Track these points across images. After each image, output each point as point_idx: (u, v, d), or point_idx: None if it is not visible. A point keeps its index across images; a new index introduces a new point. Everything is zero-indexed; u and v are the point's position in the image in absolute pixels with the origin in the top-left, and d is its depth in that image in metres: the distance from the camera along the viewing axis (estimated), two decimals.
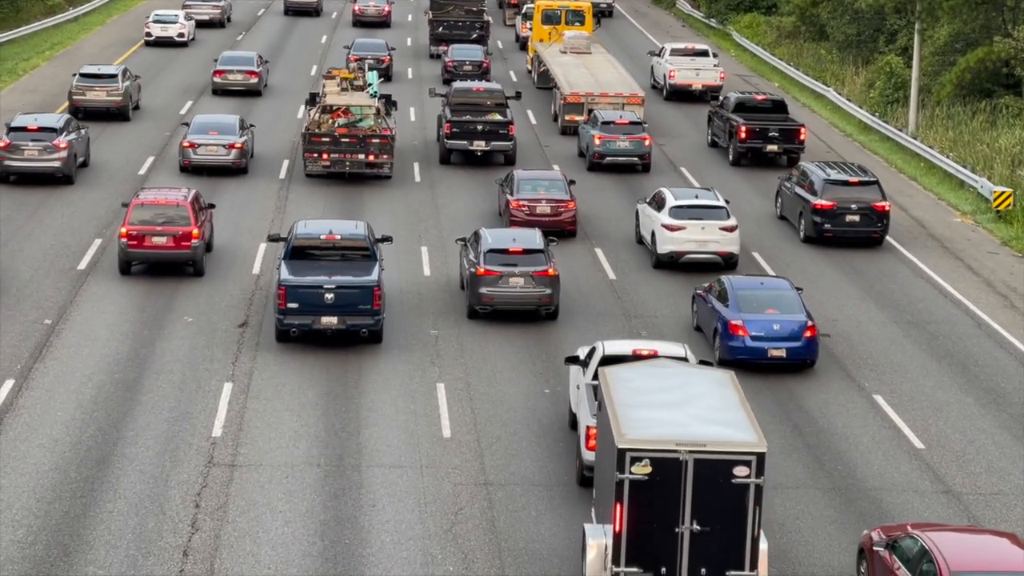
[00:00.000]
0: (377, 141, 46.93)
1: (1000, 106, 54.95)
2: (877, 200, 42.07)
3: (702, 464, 21.03)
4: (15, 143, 44.98)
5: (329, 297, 32.42)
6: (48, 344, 32.35)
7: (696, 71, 63.32)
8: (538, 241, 35.51)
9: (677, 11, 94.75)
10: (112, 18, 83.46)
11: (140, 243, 36.87)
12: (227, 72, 60.74)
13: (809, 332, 32.11)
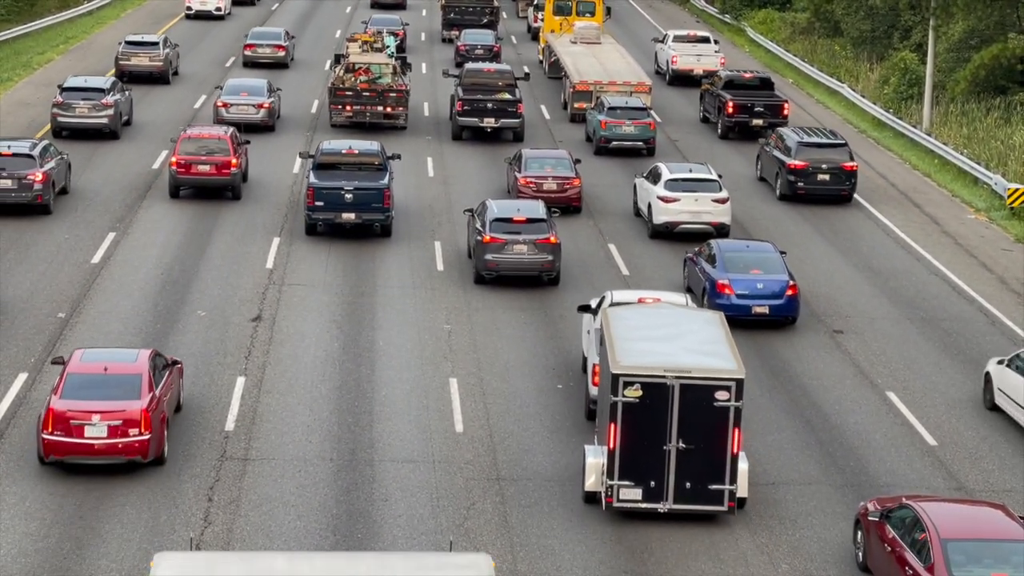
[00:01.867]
0: (394, 95, 53.32)
1: (1014, 103, 54.84)
2: (846, 161, 46.15)
3: (687, 388, 23.91)
4: (68, 101, 50.23)
5: (348, 197, 39.69)
6: (61, 337, 32.41)
7: (697, 57, 66.09)
8: (541, 211, 37.57)
9: (691, 6, 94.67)
10: (126, 12, 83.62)
11: (187, 170, 43.06)
12: (257, 46, 66.34)
13: (791, 291, 34.44)
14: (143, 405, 25.57)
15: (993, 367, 30.47)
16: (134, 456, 25.46)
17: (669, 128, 56.77)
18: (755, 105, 54.69)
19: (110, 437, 25.26)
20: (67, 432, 25.27)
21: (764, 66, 72.03)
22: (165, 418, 26.31)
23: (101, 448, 25.31)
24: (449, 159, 51.23)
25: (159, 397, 26.18)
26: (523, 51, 74.36)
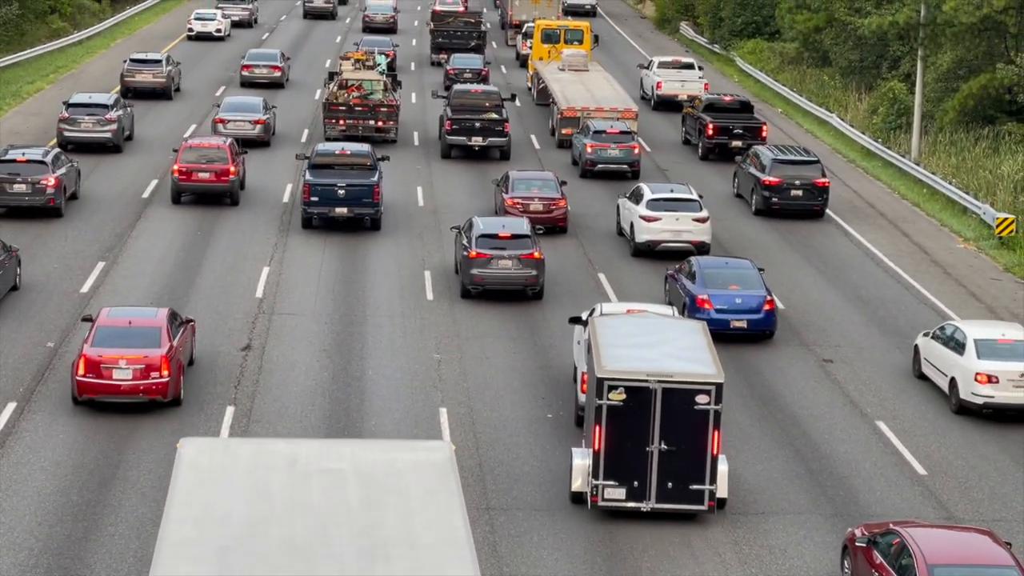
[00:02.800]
0: (384, 110, 56.29)
1: (1003, 133, 55.00)
2: (818, 177, 47.88)
3: (669, 392, 25.04)
4: (73, 116, 52.73)
5: (341, 193, 43.24)
6: (51, 367, 32.35)
7: (682, 82, 67.47)
8: (525, 228, 38.84)
9: (681, 36, 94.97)
10: (116, 41, 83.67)
11: (188, 177, 45.70)
12: (254, 67, 68.81)
13: (768, 306, 35.47)
14: (163, 352, 29.67)
15: (920, 340, 33.77)
16: (155, 396, 29.54)
17: (654, 152, 57.48)
18: (734, 127, 56.16)
19: (134, 379, 29.43)
20: (97, 375, 29.40)
21: (753, 95, 72.20)
22: (181, 365, 30.52)
23: (127, 388, 29.47)
24: (438, 179, 51.83)
25: (176, 347, 30.26)
26: (512, 78, 74.71)
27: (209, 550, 16.93)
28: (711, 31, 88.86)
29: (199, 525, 17.51)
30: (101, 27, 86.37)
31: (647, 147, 57.69)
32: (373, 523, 17.66)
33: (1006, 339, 31.83)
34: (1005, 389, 31.03)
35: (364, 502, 18.16)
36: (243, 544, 17.06)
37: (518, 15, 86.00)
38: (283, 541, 17.18)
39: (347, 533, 17.45)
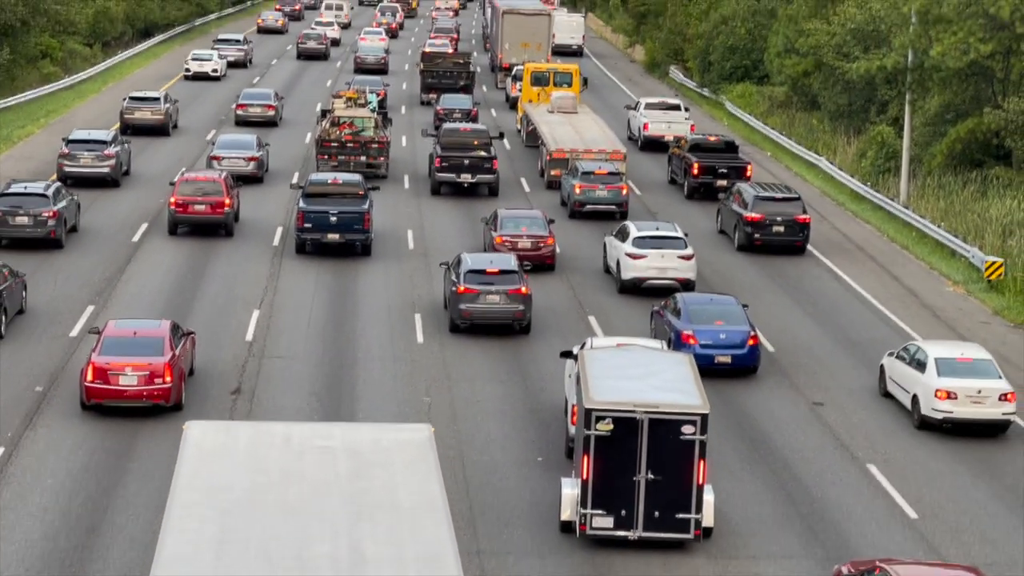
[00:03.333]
0: (375, 146, 57.99)
1: (990, 176, 55.18)
2: (799, 214, 48.92)
3: (655, 423, 25.54)
4: (72, 152, 54.47)
5: (333, 219, 45.22)
6: (39, 411, 32.25)
7: (668, 123, 68.26)
8: (512, 264, 39.56)
9: (670, 80, 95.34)
10: (107, 86, 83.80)
11: (185, 210, 47.28)
12: (248, 105, 70.41)
13: (751, 341, 36.02)
14: (166, 360, 31.82)
15: (886, 359, 35.38)
16: (158, 401, 31.63)
17: (642, 191, 58.06)
18: (719, 167, 56.88)
19: (139, 385, 31.54)
20: (105, 381, 31.50)
21: (743, 139, 72.45)
22: (183, 372, 32.62)
23: (131, 394, 31.58)
24: (428, 217, 52.51)
25: (178, 355, 32.40)
26: (502, 120, 74.97)
27: (213, 513, 18.86)
28: (700, 75, 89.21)
29: (204, 493, 19.42)
30: (92, 72, 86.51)
31: (636, 190, 57.88)
32: (360, 490, 19.57)
33: (965, 358, 33.57)
34: (963, 405, 32.60)
35: (352, 473, 20.08)
36: (243, 507, 19.02)
37: (508, 58, 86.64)
38: (279, 505, 19.08)
39: (336, 498, 19.31)
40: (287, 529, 18.42)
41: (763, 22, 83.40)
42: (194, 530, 18.39)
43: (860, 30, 63.37)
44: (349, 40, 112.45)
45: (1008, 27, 53.32)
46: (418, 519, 18.89)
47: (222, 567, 17.51)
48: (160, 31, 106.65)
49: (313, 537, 18.30)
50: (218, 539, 18.22)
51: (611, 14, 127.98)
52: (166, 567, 17.58)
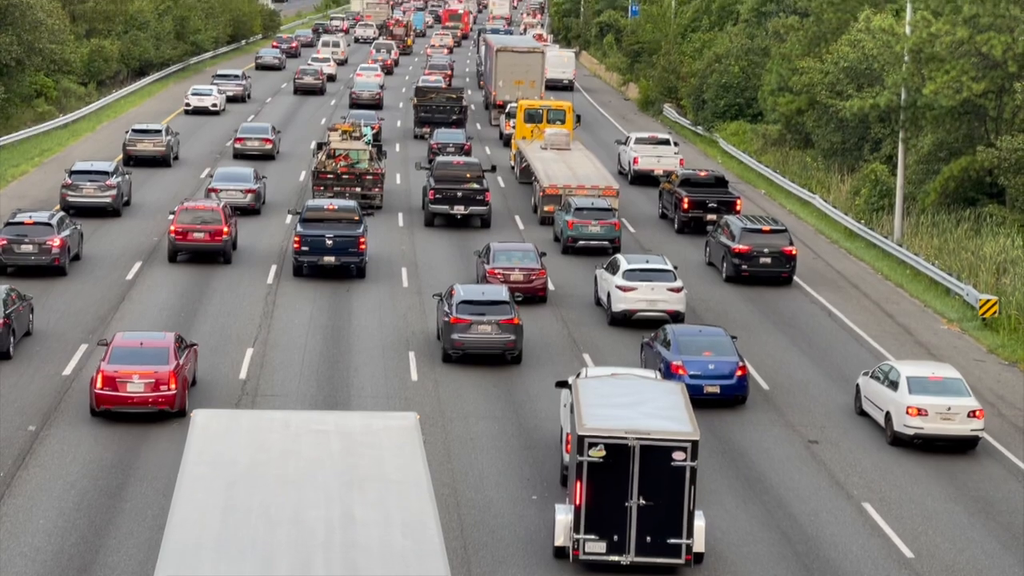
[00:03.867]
0: (370, 178, 59.26)
1: (984, 214, 55.24)
2: (786, 246, 49.62)
3: (647, 449, 25.97)
4: (75, 182, 56.18)
5: (329, 243, 47.19)
6: (31, 451, 32.14)
7: (658, 158, 69.41)
8: (504, 295, 40.14)
9: (664, 118, 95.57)
10: (102, 124, 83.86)
11: (184, 237, 48.76)
12: (246, 139, 72.00)
13: (740, 372, 36.50)
14: (171, 368, 33.85)
15: (861, 379, 36.79)
16: (163, 407, 33.65)
17: (634, 226, 58.62)
18: (709, 201, 57.55)
19: (146, 392, 33.58)
20: (113, 388, 33.59)
21: (737, 177, 72.62)
22: (186, 381, 34.66)
23: (138, 400, 33.62)
24: (421, 249, 53.11)
25: (182, 365, 34.49)
26: (496, 157, 75.18)
27: (219, 484, 20.75)
28: (694, 113, 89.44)
29: (210, 467, 21.32)
30: (87, 110, 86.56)
31: (630, 227, 57.96)
32: (350, 465, 21.47)
33: (936, 376, 34.92)
34: (933, 421, 34.01)
35: (344, 451, 21.94)
36: (245, 479, 20.91)
37: (501, 95, 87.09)
38: (277, 477, 21.00)
39: (330, 472, 21.21)
40: (285, 497, 20.29)
41: (756, 60, 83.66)
42: (202, 498, 20.29)
43: (853, 68, 63.56)
44: (345, 76, 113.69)
45: (1001, 66, 53.51)
46: (403, 491, 20.64)
47: (228, 529, 19.43)
48: (155, 70, 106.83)
49: (308, 503, 20.16)
50: (223, 505, 20.09)
51: (605, 52, 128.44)
52: (178, 529, 19.37)
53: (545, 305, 45.70)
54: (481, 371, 38.98)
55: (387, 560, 18.72)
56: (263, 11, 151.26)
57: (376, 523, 19.64)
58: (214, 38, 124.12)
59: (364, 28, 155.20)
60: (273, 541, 19.07)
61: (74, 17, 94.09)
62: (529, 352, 40.36)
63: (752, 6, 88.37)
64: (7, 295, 38.69)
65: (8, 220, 47.57)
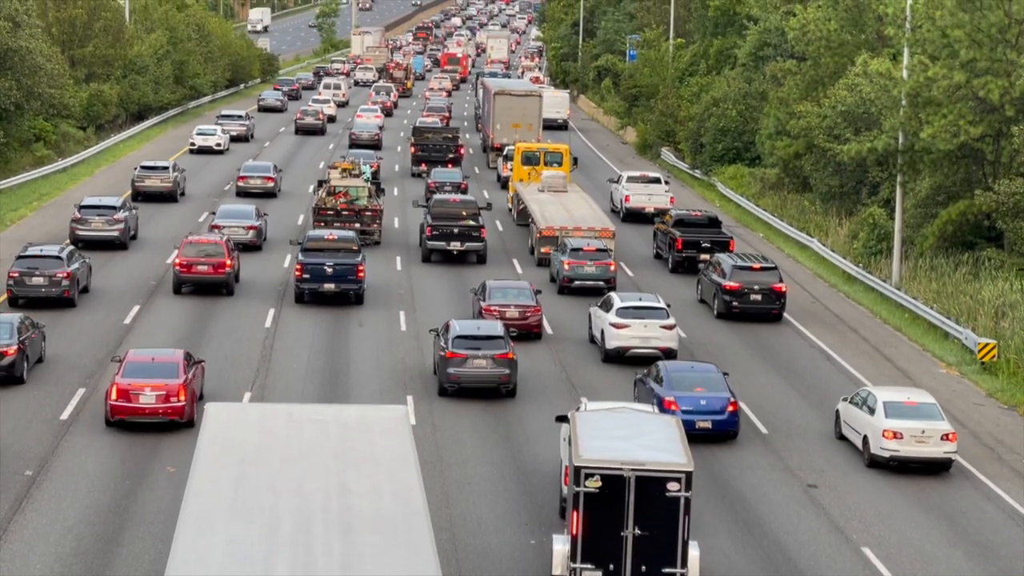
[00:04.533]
0: (369, 214, 61.51)
1: (982, 258, 55.24)
2: (776, 283, 50.74)
3: (642, 480, 26.54)
4: (84, 216, 58.42)
5: (329, 271, 49.61)
6: (28, 496, 32.03)
7: (649, 196, 71.28)
8: (499, 330, 41.11)
9: (662, 162, 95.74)
10: (100, 168, 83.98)
11: (188, 270, 50.70)
12: (249, 177, 73.98)
13: (731, 407, 37.14)
14: (180, 382, 36.23)
15: (840, 405, 38.26)
16: (173, 417, 36.08)
17: (627, 265, 59.25)
18: (703, 241, 58.38)
19: (157, 403, 35.98)
20: (127, 400, 35.98)
21: (735, 220, 72.72)
22: (195, 394, 37.06)
23: (150, 411, 36.06)
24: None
25: (190, 379, 36.81)
26: (494, 199, 75.18)
27: (231, 461, 23.41)
28: (692, 156, 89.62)
29: (222, 448, 23.89)
30: (85, 155, 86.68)
31: (629, 271, 58.02)
32: (346, 447, 23.98)
33: (911, 401, 36.36)
34: (908, 444, 35.42)
35: (340, 436, 24.46)
36: (254, 457, 23.59)
37: (499, 138, 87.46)
38: (282, 456, 23.63)
39: (328, 452, 23.76)
40: (289, 472, 22.96)
41: (754, 104, 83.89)
42: (216, 473, 22.85)
43: (851, 112, 63.73)
44: (345, 117, 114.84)
45: (998, 110, 53.66)
46: (392, 468, 23.19)
47: (239, 497, 21.94)
48: (153, 114, 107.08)
49: (308, 477, 22.73)
50: (234, 479, 22.65)
51: (603, 96, 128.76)
52: (195, 498, 21.87)
53: (540, 343, 46.28)
54: (479, 414, 38.90)
55: (377, 523, 21.11)
56: (261, 55, 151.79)
57: (368, 493, 22.12)
58: (212, 82, 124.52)
59: (364, 71, 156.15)
60: (278, 507, 21.58)
61: (73, 62, 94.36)
62: (526, 389, 40.73)
63: (749, 50, 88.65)
64: (21, 323, 40.42)
65: (20, 253, 49.34)
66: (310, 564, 19.97)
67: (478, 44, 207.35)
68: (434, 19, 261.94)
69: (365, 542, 20.54)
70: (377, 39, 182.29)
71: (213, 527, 20.93)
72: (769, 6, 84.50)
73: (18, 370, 39.61)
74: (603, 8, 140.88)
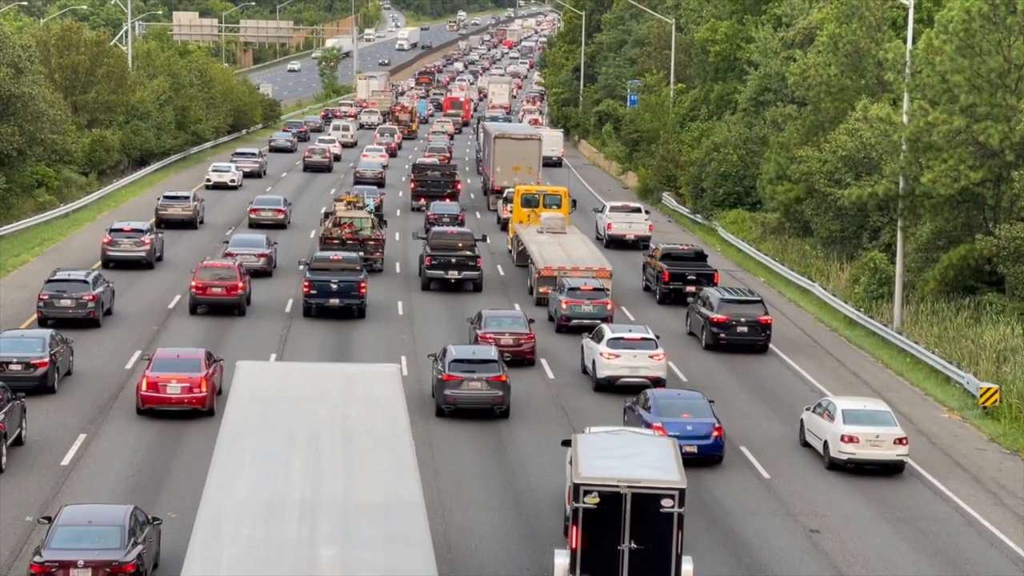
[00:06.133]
0: (372, 243, 65.92)
1: (984, 303, 55.20)
2: (761, 315, 53.01)
3: (637, 497, 28.00)
4: (114, 239, 64.87)
5: (334, 287, 55.02)
6: (28, 541, 31.94)
7: (629, 224, 77.38)
8: (493, 354, 43.52)
9: (663, 207, 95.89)
10: (103, 214, 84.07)
11: (203, 292, 54.98)
12: (260, 210, 79.45)
13: (716, 432, 38.91)
14: (203, 375, 41.49)
15: (805, 414, 41.51)
16: (196, 406, 41.17)
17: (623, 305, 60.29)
18: (688, 274, 61.11)
19: (182, 393, 41.18)
20: (155, 390, 41.29)
21: (736, 265, 72.78)
22: (215, 387, 42.19)
23: (176, 400, 41.22)
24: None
25: (211, 373, 42.11)
26: (494, 241, 76.19)
27: (258, 398, 29.48)
28: (693, 201, 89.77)
29: (251, 391, 29.96)
30: (87, 200, 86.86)
31: (628, 314, 58.03)
32: (349, 391, 30.27)
33: (867, 408, 39.69)
34: (864, 448, 38.73)
35: (345, 382, 30.85)
36: (275, 397, 29.69)
37: (499, 181, 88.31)
38: (297, 396, 29.78)
39: (335, 392, 30.10)
40: (304, 405, 29.14)
41: (755, 149, 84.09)
42: (246, 406, 28.99)
43: (851, 157, 63.86)
44: (351, 157, 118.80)
45: (998, 155, 53.76)
46: (384, 403, 29.51)
47: (264, 420, 28.35)
48: (155, 159, 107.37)
49: (319, 407, 29.00)
50: (261, 409, 28.86)
51: (604, 141, 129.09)
52: (230, 422, 28.19)
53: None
54: (481, 460, 38.82)
55: (371, 434, 27.83)
56: (263, 101, 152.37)
57: (364, 417, 28.62)
58: (215, 127, 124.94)
59: (369, 115, 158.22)
60: (295, 426, 27.96)
61: (76, 107, 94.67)
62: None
63: (750, 95, 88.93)
64: (52, 338, 44.24)
65: (49, 278, 53.32)
66: (319, 460, 26.44)
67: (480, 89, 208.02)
68: (436, 64, 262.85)
69: (361, 446, 27.22)
70: (382, 83, 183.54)
71: (245, 438, 27.37)
72: (769, 51, 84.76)
73: (50, 380, 43.33)
74: (604, 54, 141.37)
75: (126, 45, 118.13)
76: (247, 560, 22.89)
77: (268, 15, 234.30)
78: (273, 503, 24.64)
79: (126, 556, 27.70)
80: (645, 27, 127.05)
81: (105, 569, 27.23)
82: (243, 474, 25.84)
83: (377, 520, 24.21)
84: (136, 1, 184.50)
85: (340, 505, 24.76)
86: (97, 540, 27.79)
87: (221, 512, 24.51)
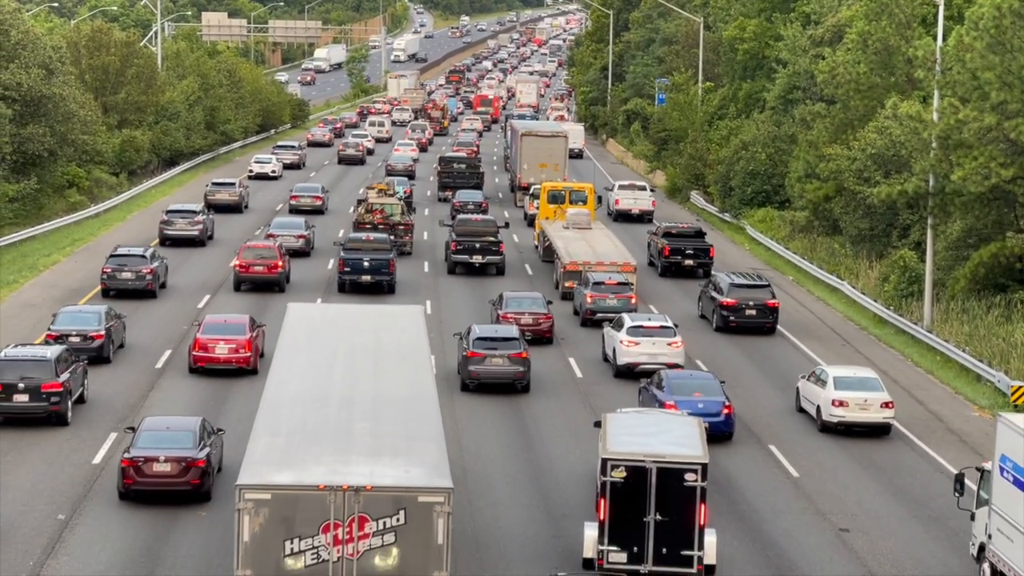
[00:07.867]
0: (402, 228, 70.73)
1: (1015, 300, 54.96)
2: (769, 299, 55.87)
3: (662, 471, 29.41)
4: (170, 219, 71.90)
5: (366, 264, 59.99)
6: (61, 540, 32.12)
7: (635, 199, 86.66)
8: (515, 332, 46.54)
9: (691, 205, 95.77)
10: (132, 214, 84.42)
11: (247, 270, 60.13)
12: (300, 197, 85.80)
13: (726, 410, 40.88)
14: (247, 337, 46.49)
15: (800, 382, 44.77)
16: (242, 365, 46.15)
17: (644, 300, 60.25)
18: (686, 248, 66.94)
19: (229, 354, 46.12)
20: (205, 350, 46.17)
21: (764, 263, 72.67)
22: (258, 349, 47.00)
23: (224, 359, 46.18)
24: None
25: (255, 336, 46.90)
26: (521, 236, 76.91)
27: (306, 327, 36.12)
28: (722, 200, 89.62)
29: (300, 323, 36.38)
30: (118, 200, 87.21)
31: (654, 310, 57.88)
32: (381, 323, 36.83)
33: (857, 375, 43.00)
34: (853, 411, 42.07)
35: (376, 318, 37.62)
36: (320, 325, 36.68)
37: (526, 178, 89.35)
38: (339, 324, 36.69)
39: (367, 324, 36.63)
40: (343, 332, 35.59)
41: (783, 147, 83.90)
42: (296, 333, 35.32)
43: (881, 155, 63.63)
44: (384, 151, 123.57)
45: None
46: (409, 331, 35.91)
47: (312, 341, 34.77)
48: (185, 159, 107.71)
49: (355, 334, 35.45)
50: (308, 334, 35.31)
51: (632, 140, 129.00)
52: (284, 343, 34.46)
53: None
54: (510, 461, 38.80)
55: (397, 352, 34.00)
56: (292, 101, 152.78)
57: (392, 341, 34.92)
58: (243, 128, 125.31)
59: (400, 112, 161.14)
60: (337, 346, 34.37)
61: (106, 108, 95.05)
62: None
63: (778, 93, 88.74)
64: (106, 313, 48.33)
65: (111, 253, 59.19)
66: (355, 369, 32.90)
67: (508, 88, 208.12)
68: (466, 63, 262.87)
69: (389, 361, 33.38)
70: (412, 82, 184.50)
71: (296, 353, 33.61)
72: (798, 49, 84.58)
73: (105, 351, 47.28)
74: (632, 52, 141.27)
75: (156, 46, 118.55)
76: (300, 429, 28.61)
77: (296, 15, 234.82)
78: (318, 397, 30.53)
79: (198, 454, 34.37)
80: (673, 25, 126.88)
81: (182, 463, 33.95)
82: (295, 377, 31.74)
83: (399, 406, 30.16)
84: (165, 2, 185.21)
85: (371, 398, 30.76)
86: (175, 441, 34.50)
87: (279, 401, 30.25)
